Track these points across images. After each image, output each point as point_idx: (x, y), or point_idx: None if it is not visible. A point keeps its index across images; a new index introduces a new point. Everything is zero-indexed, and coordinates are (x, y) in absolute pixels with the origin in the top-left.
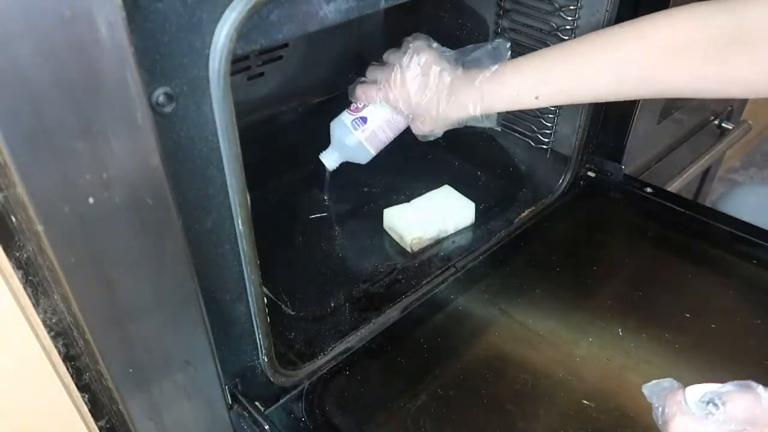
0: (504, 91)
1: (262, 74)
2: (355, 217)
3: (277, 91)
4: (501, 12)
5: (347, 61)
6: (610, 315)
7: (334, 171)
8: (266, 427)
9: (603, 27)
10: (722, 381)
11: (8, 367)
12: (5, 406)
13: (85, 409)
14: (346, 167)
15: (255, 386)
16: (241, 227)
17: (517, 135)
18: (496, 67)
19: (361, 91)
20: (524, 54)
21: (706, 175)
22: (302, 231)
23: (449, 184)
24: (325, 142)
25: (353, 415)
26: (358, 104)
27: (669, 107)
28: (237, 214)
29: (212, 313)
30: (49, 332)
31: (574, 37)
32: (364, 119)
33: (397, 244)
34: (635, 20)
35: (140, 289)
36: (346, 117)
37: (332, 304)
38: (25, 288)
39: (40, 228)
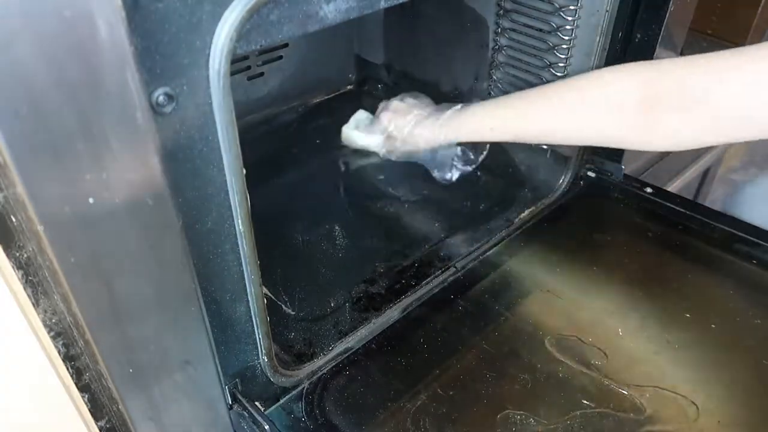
0: (463, 125)
1: (262, 74)
2: (355, 217)
3: (277, 91)
4: (501, 12)
5: (347, 61)
6: (610, 315)
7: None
8: (266, 427)
9: (602, 27)
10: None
11: (8, 367)
12: (5, 406)
13: (85, 409)
14: (344, 167)
15: (255, 386)
16: (241, 227)
17: None
18: (458, 107)
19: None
20: (522, 57)
21: (706, 175)
22: (302, 231)
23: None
24: (324, 142)
25: (353, 415)
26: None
27: None
28: (237, 214)
29: (212, 313)
30: (49, 332)
31: (575, 38)
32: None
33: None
34: (579, 76)
35: (140, 289)
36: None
37: (332, 304)
38: (25, 288)
39: (40, 228)
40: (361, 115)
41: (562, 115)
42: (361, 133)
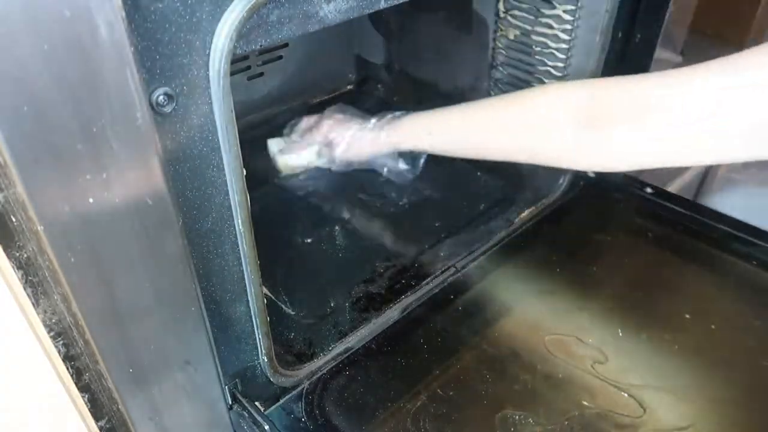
0: (403, 128)
1: (262, 74)
2: (355, 217)
3: (277, 91)
4: (501, 12)
5: (347, 61)
6: (610, 315)
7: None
8: (266, 427)
9: (602, 27)
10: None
11: (8, 367)
12: (5, 406)
13: (85, 409)
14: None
15: (255, 386)
16: (241, 227)
17: None
18: (399, 113)
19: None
20: (522, 58)
21: (706, 175)
22: (302, 231)
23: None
24: None
25: (353, 415)
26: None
27: None
28: (237, 214)
29: (212, 313)
30: (49, 332)
31: (575, 38)
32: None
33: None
34: (524, 91)
35: (140, 289)
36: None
37: (332, 304)
38: (25, 288)
39: (40, 228)
40: (275, 144)
41: (500, 131)
42: (293, 154)
